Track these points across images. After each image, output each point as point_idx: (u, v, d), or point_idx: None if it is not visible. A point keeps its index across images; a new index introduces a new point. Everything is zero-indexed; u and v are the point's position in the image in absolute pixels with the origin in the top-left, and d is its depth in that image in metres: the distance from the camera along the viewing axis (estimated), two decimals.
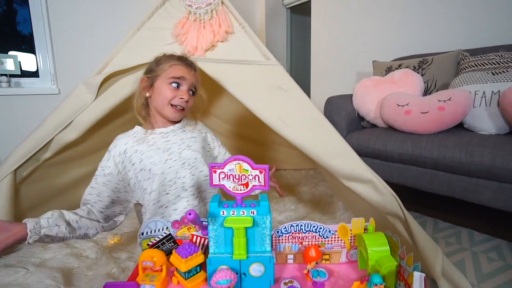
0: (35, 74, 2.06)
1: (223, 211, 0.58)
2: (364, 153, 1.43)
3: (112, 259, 1.03)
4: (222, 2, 1.14)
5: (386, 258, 0.56)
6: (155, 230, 0.67)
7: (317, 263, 0.62)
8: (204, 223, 0.61)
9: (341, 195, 1.40)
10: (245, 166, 0.58)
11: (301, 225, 0.64)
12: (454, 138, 1.16)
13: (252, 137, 1.91)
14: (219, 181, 0.59)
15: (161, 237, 0.65)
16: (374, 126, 1.59)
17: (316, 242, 0.65)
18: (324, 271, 0.59)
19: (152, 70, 0.96)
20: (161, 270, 0.62)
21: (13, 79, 1.99)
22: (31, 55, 2.04)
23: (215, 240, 0.60)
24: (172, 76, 0.92)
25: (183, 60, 0.97)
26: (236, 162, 0.57)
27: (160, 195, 0.89)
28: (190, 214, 0.48)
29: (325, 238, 0.64)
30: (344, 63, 2.42)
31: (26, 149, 1.04)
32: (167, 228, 0.66)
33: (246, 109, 1.05)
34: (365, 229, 0.63)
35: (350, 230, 0.63)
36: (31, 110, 1.99)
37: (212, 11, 1.14)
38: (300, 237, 0.64)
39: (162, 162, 0.89)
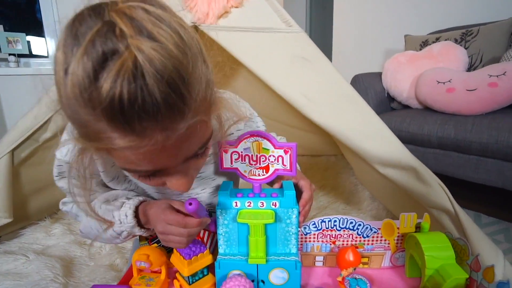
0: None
1: (236, 202, 0.45)
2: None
3: (117, 248, 0.97)
4: None
5: (451, 268, 0.42)
6: None
7: (355, 269, 0.49)
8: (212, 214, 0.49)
9: (369, 185, 1.25)
10: (266, 144, 0.44)
11: (335, 221, 0.50)
12: (509, 119, 0.98)
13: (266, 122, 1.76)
14: (231, 163, 0.46)
15: None
16: (406, 107, 1.41)
17: (353, 242, 0.52)
18: (365, 280, 0.46)
19: None
20: (160, 271, 0.51)
21: (22, 59, 1.94)
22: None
23: (226, 238, 0.47)
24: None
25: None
26: (253, 139, 0.44)
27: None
28: (190, 204, 0.35)
29: (364, 238, 0.51)
30: (370, 38, 2.19)
31: (23, 127, 0.96)
32: None
33: (261, 93, 0.91)
34: (417, 227, 0.50)
35: (398, 228, 0.49)
36: (40, 91, 1.95)
37: None
38: (333, 235, 0.51)
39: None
